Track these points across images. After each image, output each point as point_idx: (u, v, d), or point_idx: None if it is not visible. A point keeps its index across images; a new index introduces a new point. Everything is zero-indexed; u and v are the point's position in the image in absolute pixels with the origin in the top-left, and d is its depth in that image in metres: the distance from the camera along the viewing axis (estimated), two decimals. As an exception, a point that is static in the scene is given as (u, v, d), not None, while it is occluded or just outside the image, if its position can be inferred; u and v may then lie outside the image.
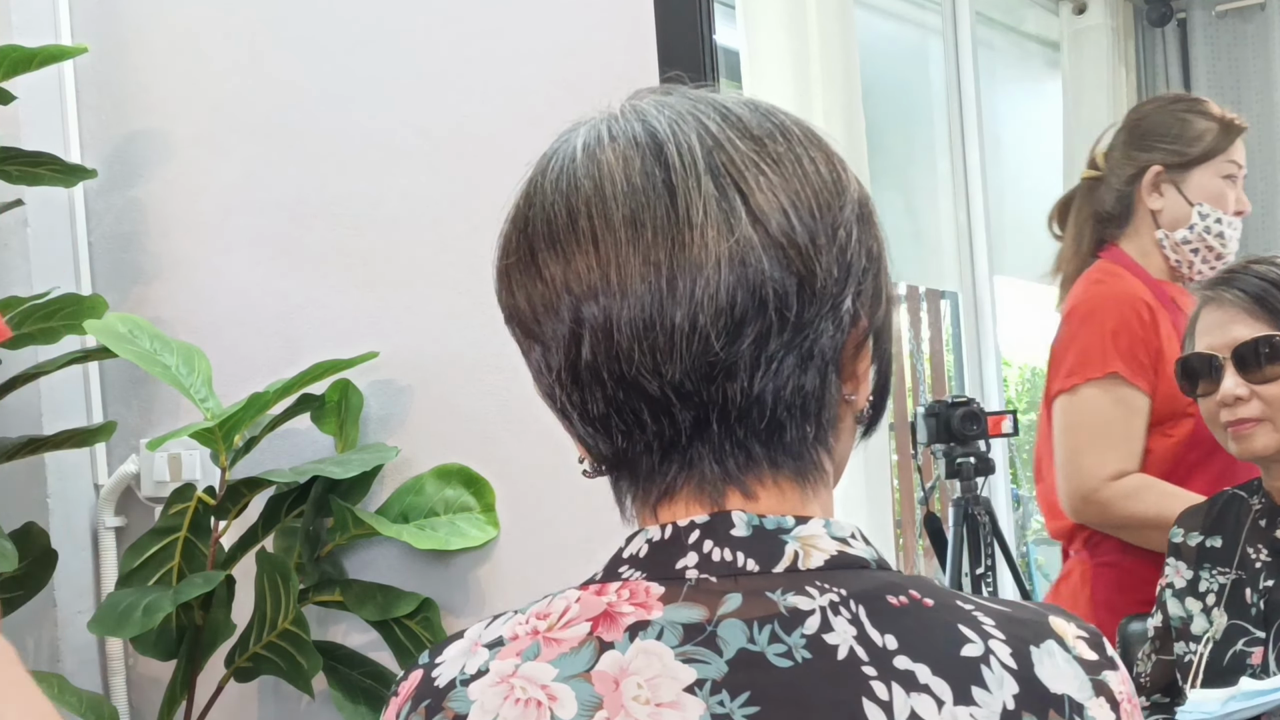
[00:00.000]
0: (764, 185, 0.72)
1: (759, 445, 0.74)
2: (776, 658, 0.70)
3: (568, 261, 0.73)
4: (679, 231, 0.71)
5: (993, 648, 0.71)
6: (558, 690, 0.72)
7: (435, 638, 1.76)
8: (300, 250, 1.97)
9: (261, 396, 1.73)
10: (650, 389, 0.72)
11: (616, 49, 1.72)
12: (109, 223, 2.13)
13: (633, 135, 0.74)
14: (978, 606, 0.74)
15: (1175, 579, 1.67)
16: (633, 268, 0.72)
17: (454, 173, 1.85)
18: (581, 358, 0.73)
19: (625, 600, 0.74)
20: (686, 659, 0.71)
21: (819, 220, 0.73)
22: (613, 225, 0.72)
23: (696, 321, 0.71)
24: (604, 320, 0.72)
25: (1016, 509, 3.57)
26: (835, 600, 0.72)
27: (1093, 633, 0.75)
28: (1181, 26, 2.98)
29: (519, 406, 1.81)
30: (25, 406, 2.03)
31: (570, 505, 1.77)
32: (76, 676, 2.05)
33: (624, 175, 0.73)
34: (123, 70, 2.12)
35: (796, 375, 0.73)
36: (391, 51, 1.90)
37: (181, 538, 1.85)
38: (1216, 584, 1.63)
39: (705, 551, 0.74)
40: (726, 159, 0.73)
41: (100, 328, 1.78)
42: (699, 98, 0.77)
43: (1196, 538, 1.67)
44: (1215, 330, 1.62)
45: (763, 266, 0.71)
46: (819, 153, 0.75)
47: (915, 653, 0.70)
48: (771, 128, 0.75)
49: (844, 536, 0.74)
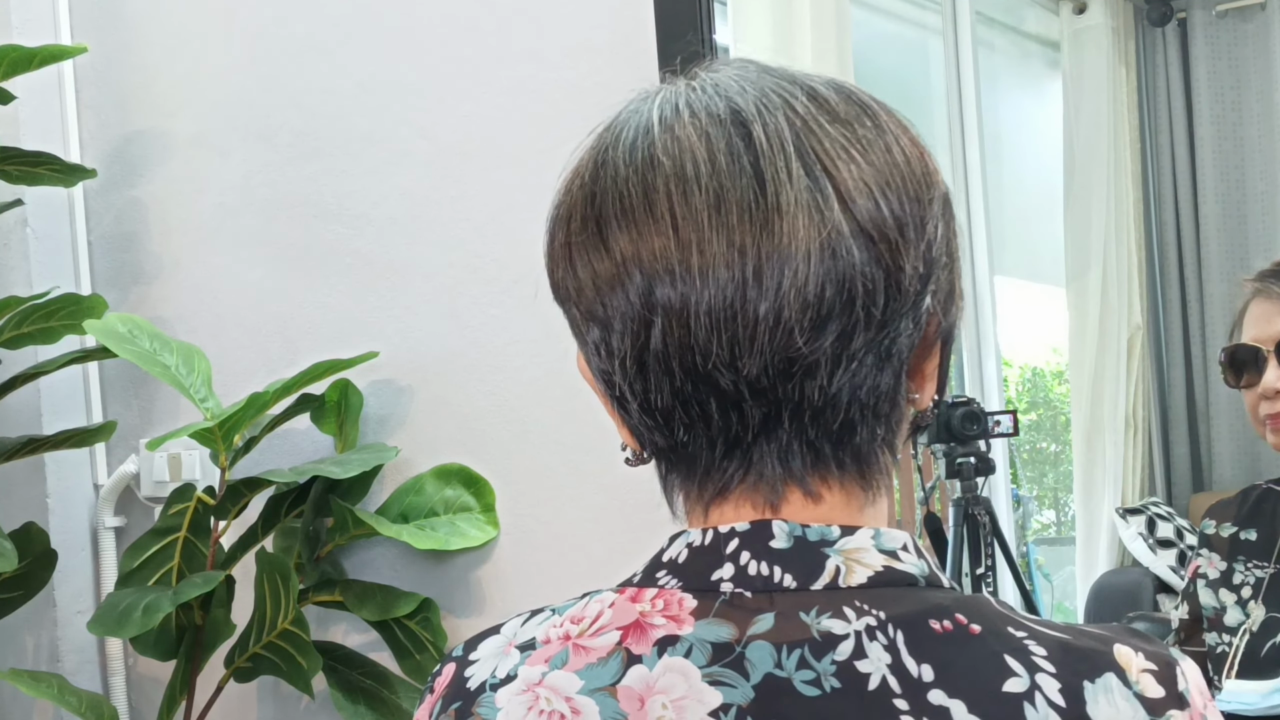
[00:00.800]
0: (855, 173, 0.68)
1: (829, 445, 0.70)
2: (804, 685, 0.66)
3: (642, 239, 0.68)
4: (767, 217, 0.66)
5: (1040, 683, 0.66)
6: (582, 704, 0.70)
7: (435, 638, 1.76)
8: (300, 250, 1.97)
9: (261, 396, 1.73)
10: (723, 383, 0.68)
11: (616, 49, 1.72)
12: (109, 223, 2.13)
13: (716, 112, 0.69)
14: (1032, 634, 0.68)
15: (1209, 570, 1.67)
16: (716, 253, 0.66)
17: (454, 173, 1.85)
18: (650, 345, 0.68)
19: (658, 611, 0.70)
20: (713, 681, 0.68)
21: (909, 211, 0.68)
22: (694, 206, 0.67)
23: (781, 314, 0.66)
24: (680, 307, 0.67)
25: (1016, 509, 3.57)
26: (873, 624, 0.67)
27: (1165, 662, 0.68)
28: (1182, 26, 2.97)
29: (519, 406, 1.81)
30: (25, 406, 2.03)
31: (570, 505, 1.77)
32: (76, 676, 2.05)
33: (707, 154, 0.68)
34: (123, 70, 2.11)
35: (874, 374, 0.69)
36: (391, 51, 1.89)
37: (181, 538, 1.85)
38: (1253, 577, 1.63)
39: (742, 564, 0.70)
40: (816, 143, 0.68)
41: (100, 328, 1.77)
42: (782, 74, 0.72)
43: (1230, 529, 1.67)
44: (1262, 322, 1.62)
45: (853, 259, 0.66)
46: (907, 139, 0.71)
47: (952, 686, 0.66)
48: (859, 110, 0.71)
49: (893, 549, 0.70)
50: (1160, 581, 2.16)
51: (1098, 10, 3.19)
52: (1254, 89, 2.83)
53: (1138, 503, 2.71)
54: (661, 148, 0.69)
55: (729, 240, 0.67)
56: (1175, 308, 2.71)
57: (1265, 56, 2.76)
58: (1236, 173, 2.52)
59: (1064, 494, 3.08)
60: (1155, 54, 3.07)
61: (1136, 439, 2.73)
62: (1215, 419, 2.55)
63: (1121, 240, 2.86)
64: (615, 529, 1.72)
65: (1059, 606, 3.05)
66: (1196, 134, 2.68)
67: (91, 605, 2.10)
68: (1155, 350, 2.76)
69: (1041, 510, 3.05)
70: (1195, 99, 2.77)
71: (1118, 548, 2.72)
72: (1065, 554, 3.00)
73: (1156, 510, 2.67)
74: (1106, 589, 2.67)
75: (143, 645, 1.84)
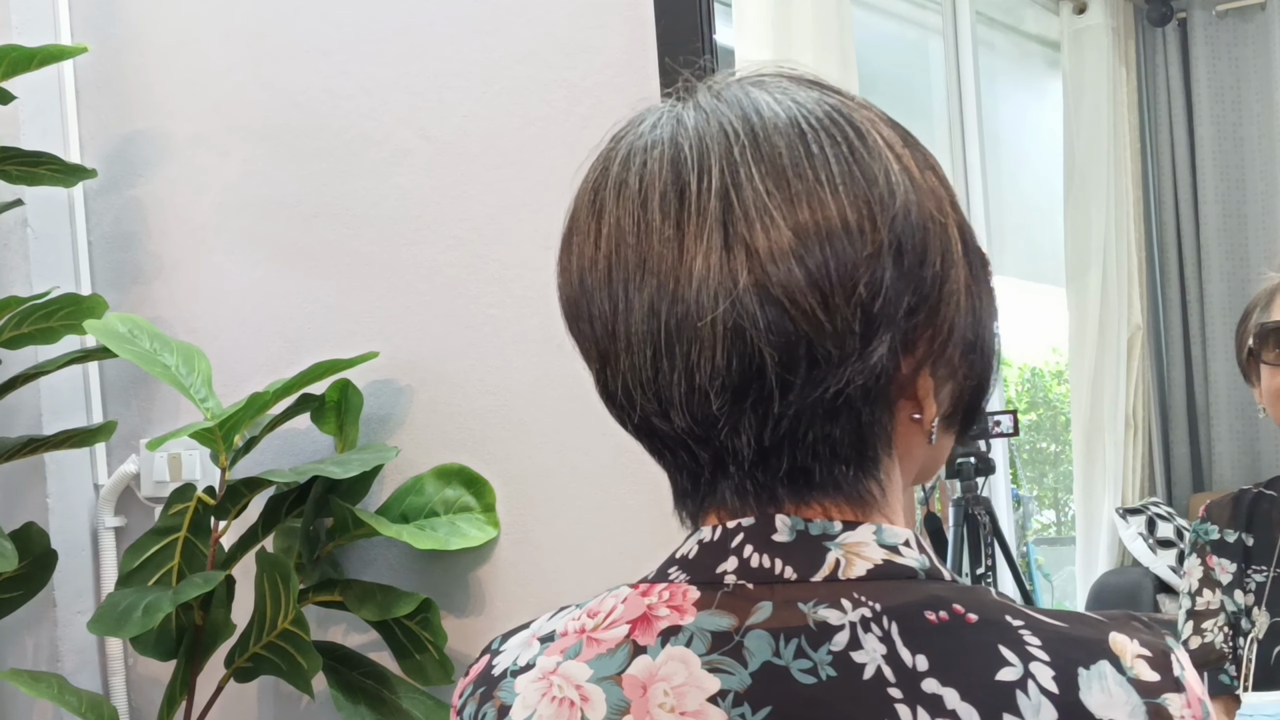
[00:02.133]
0: (774, 236, 0.67)
1: (782, 489, 0.72)
2: (801, 673, 0.69)
3: (593, 293, 0.72)
4: (680, 285, 0.68)
5: (1033, 670, 0.67)
6: (590, 691, 0.73)
7: (435, 638, 1.76)
8: (300, 250, 1.97)
9: (261, 396, 1.73)
10: (664, 429, 0.72)
11: (616, 49, 1.72)
12: (109, 223, 2.13)
13: (664, 151, 0.71)
14: (1029, 623, 0.69)
15: (1221, 575, 1.66)
16: (636, 318, 0.70)
17: (454, 173, 1.85)
18: (605, 383, 0.73)
19: (664, 603, 0.73)
20: (712, 668, 0.70)
21: (833, 275, 0.67)
22: (625, 263, 0.70)
23: (694, 381, 0.69)
24: (615, 362, 0.72)
25: (1016, 509, 3.57)
26: (868, 615, 0.69)
27: (1160, 650, 0.69)
28: (1182, 26, 2.97)
29: (519, 406, 1.81)
30: (25, 406, 2.03)
31: (570, 505, 1.77)
32: (76, 676, 2.05)
33: (641, 206, 0.70)
34: (123, 70, 2.11)
35: (820, 425, 0.70)
36: (391, 51, 1.89)
37: (181, 538, 1.85)
38: (1254, 582, 1.63)
39: (745, 557, 0.72)
40: (741, 201, 0.68)
41: (100, 328, 1.77)
42: (748, 104, 0.72)
43: (1233, 534, 1.67)
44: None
45: (758, 331, 0.67)
46: (856, 185, 0.69)
47: (946, 675, 0.67)
48: (809, 154, 0.69)
49: (894, 544, 0.71)
50: (1160, 581, 2.16)
51: (1098, 10, 3.19)
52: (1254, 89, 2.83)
53: (1138, 503, 2.71)
54: (615, 189, 0.72)
55: (649, 306, 0.69)
56: (1175, 308, 2.71)
57: (1265, 56, 2.76)
58: (1236, 173, 2.52)
59: (1064, 494, 3.08)
60: (1155, 54, 3.07)
61: (1136, 439, 2.73)
62: (1215, 419, 2.55)
63: (1121, 240, 2.86)
64: (615, 529, 1.72)
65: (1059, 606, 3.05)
66: (1196, 134, 2.68)
67: (91, 605, 2.10)
68: (1155, 350, 2.76)
69: (1041, 510, 3.06)
70: (1195, 99, 2.77)
71: (1118, 548, 2.72)
72: (1065, 554, 3.00)
73: (1156, 510, 2.67)
74: (1106, 589, 2.67)
75: (143, 645, 1.84)
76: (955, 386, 0.76)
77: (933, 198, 0.72)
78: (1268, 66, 2.74)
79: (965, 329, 0.74)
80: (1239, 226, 2.51)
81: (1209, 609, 1.66)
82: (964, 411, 0.77)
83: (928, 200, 0.72)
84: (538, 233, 1.75)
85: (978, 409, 0.78)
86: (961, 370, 0.75)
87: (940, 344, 0.73)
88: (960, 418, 0.78)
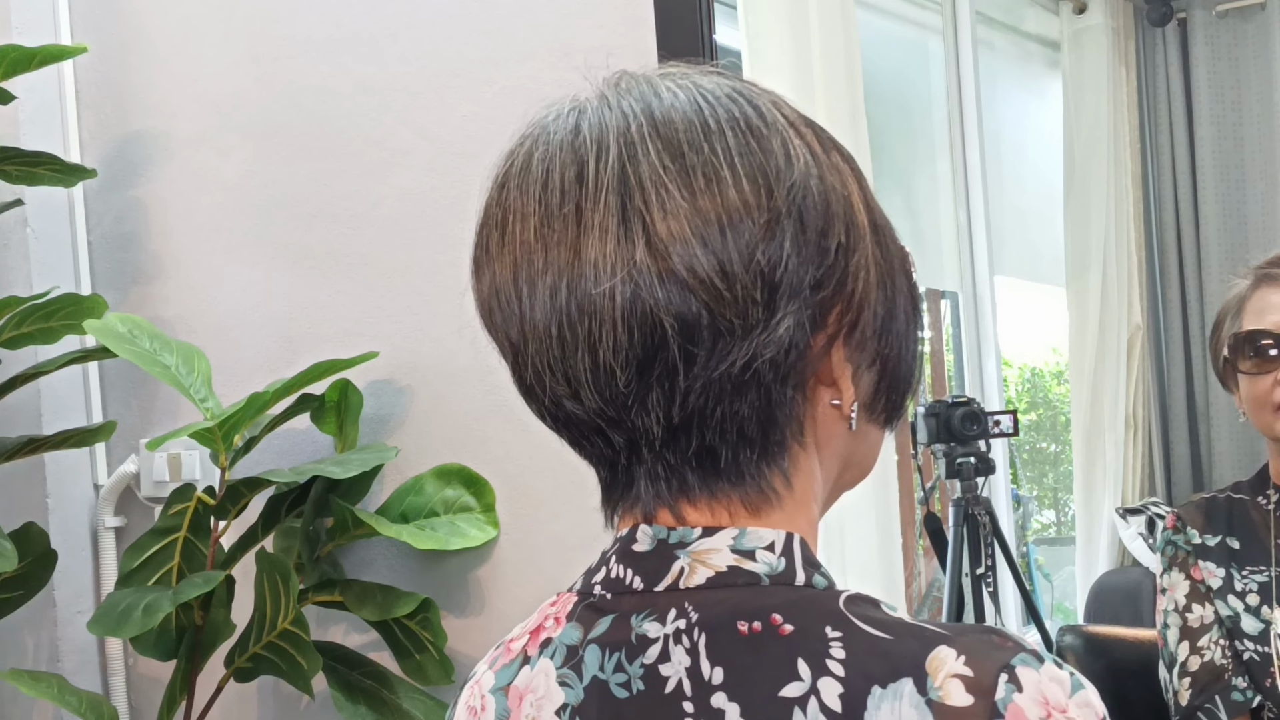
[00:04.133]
0: (670, 208, 0.67)
1: (690, 472, 0.70)
2: (617, 687, 0.69)
3: (498, 274, 0.71)
4: (580, 263, 0.67)
5: (820, 687, 0.64)
6: (488, 701, 0.76)
7: (435, 638, 1.76)
8: (300, 250, 1.97)
9: (261, 396, 1.73)
10: (577, 414, 0.71)
11: (616, 49, 1.72)
12: (109, 223, 2.13)
13: (565, 137, 0.71)
14: (847, 635, 0.65)
15: (1210, 579, 1.66)
16: (538, 298, 0.69)
17: (454, 173, 1.85)
18: (519, 373, 0.72)
19: (553, 614, 0.75)
20: (561, 681, 0.72)
21: (730, 245, 0.66)
22: (527, 245, 0.69)
23: (599, 357, 0.68)
24: (524, 348, 0.71)
25: (1016, 509, 3.57)
26: (681, 628, 0.68)
27: (990, 669, 0.62)
28: (1182, 26, 2.97)
29: (519, 406, 1.80)
30: (25, 406, 2.03)
31: (570, 505, 1.77)
32: (76, 676, 2.05)
33: (542, 188, 0.70)
34: (123, 70, 2.11)
35: (727, 401, 0.68)
36: (391, 51, 1.89)
37: (181, 538, 1.85)
38: (1254, 583, 1.63)
39: (610, 567, 0.73)
40: (637, 176, 0.68)
41: (100, 328, 1.77)
42: (649, 91, 0.72)
43: (1214, 539, 1.67)
44: (1274, 309, 1.61)
45: (657, 303, 0.66)
46: (753, 157, 0.68)
47: (734, 690, 0.65)
48: (706, 130, 0.69)
49: (751, 549, 0.69)
50: (1160, 581, 2.14)
51: (1098, 10, 3.19)
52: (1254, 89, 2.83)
53: (1138, 503, 2.72)
54: (519, 179, 0.71)
55: (550, 288, 0.68)
56: (1175, 308, 2.71)
57: (1265, 56, 2.76)
58: (1236, 173, 2.52)
59: (1064, 494, 3.08)
60: (1155, 54, 3.07)
61: (1136, 439, 2.74)
62: (1215, 419, 2.55)
63: (1121, 240, 2.86)
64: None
65: (1059, 606, 3.05)
66: (1196, 134, 2.68)
67: (91, 605, 2.10)
68: (1155, 350, 2.77)
69: (1041, 510, 3.06)
70: (1195, 99, 2.77)
71: (1118, 548, 2.72)
72: (1065, 554, 3.00)
73: (1156, 510, 2.67)
74: (1106, 589, 2.67)
75: (143, 645, 1.84)
76: (875, 373, 0.73)
77: (835, 173, 0.71)
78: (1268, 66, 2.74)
79: (877, 306, 0.72)
80: (1239, 226, 2.51)
81: (1203, 624, 1.66)
82: (886, 398, 0.74)
83: (829, 174, 0.71)
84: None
85: (900, 396, 0.75)
86: (880, 354, 0.73)
87: (850, 321, 0.71)
88: (884, 405, 0.75)
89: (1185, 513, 1.70)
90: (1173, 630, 1.67)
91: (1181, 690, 1.64)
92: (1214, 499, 1.70)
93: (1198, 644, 1.65)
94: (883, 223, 0.74)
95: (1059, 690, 0.62)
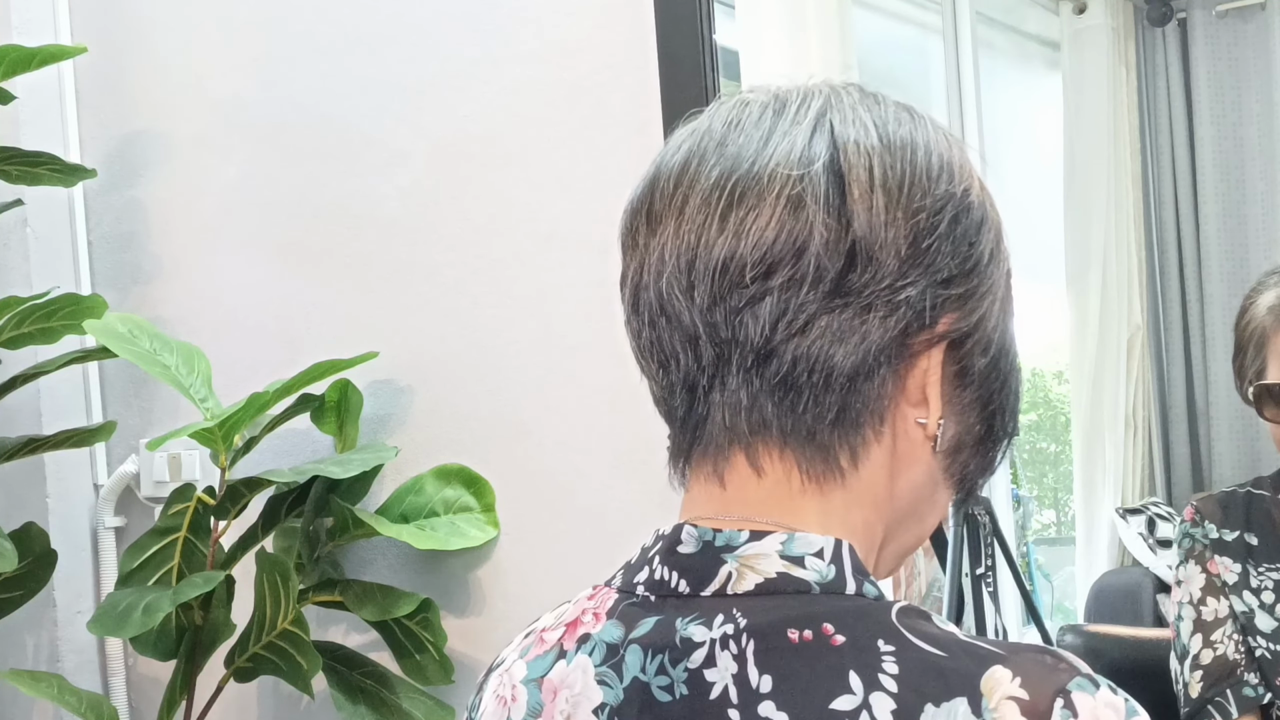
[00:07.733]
0: (858, 135, 0.70)
1: (771, 404, 0.68)
2: (659, 690, 0.68)
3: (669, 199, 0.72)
4: (759, 155, 0.69)
5: (872, 701, 0.62)
6: (519, 692, 0.75)
7: (435, 638, 1.76)
8: (300, 250, 1.97)
9: (261, 396, 1.73)
10: (684, 315, 0.69)
11: (616, 49, 1.72)
12: (109, 223, 2.13)
13: (769, 98, 0.74)
14: (900, 650, 0.64)
15: (1226, 574, 1.66)
16: (705, 184, 0.70)
17: (454, 173, 1.85)
18: (642, 279, 0.72)
19: (592, 609, 0.74)
20: (600, 680, 0.71)
21: (900, 194, 0.69)
22: (708, 142, 0.72)
23: (738, 249, 0.68)
24: (664, 242, 0.70)
25: (1016, 509, 3.57)
26: (729, 633, 0.66)
27: (1047, 692, 0.61)
28: (1182, 26, 2.97)
29: (519, 406, 1.81)
30: (25, 406, 2.03)
31: (570, 505, 1.77)
32: (76, 676, 2.05)
33: (737, 117, 0.72)
34: (123, 70, 2.12)
35: (826, 343, 0.67)
36: (391, 51, 1.89)
37: (181, 538, 1.85)
38: (1270, 580, 1.63)
39: (654, 568, 0.72)
40: (840, 108, 0.71)
41: (100, 328, 1.77)
42: (871, 93, 0.77)
43: (1232, 534, 1.67)
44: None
45: (817, 214, 0.67)
46: (938, 156, 0.72)
47: (784, 699, 0.64)
48: (910, 113, 0.74)
49: (799, 555, 0.68)
50: (1160, 581, 2.16)
51: (1098, 10, 3.19)
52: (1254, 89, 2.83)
53: (1138, 503, 2.71)
54: (708, 117, 0.74)
55: (720, 175, 0.69)
56: (1175, 308, 2.71)
57: (1265, 56, 2.76)
58: (1236, 173, 2.52)
59: (1064, 494, 3.08)
60: (1155, 54, 3.07)
61: (1136, 439, 2.73)
62: (1215, 419, 2.55)
63: (1121, 240, 2.86)
64: (615, 529, 1.72)
65: (1059, 606, 3.05)
66: (1196, 134, 2.68)
67: (91, 605, 2.10)
68: (1155, 350, 2.76)
69: (1041, 510, 3.06)
70: (1195, 99, 2.77)
71: (1118, 548, 2.72)
72: (1065, 554, 3.00)
73: (1156, 510, 2.67)
74: (1106, 589, 2.67)
75: (143, 645, 1.84)
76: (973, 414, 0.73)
77: (993, 203, 0.76)
78: (1268, 66, 2.74)
79: (990, 333, 0.73)
80: (1239, 226, 2.51)
81: (1217, 618, 1.65)
82: (974, 449, 0.74)
83: (989, 198, 0.75)
84: (537, 233, 1.75)
85: (991, 451, 0.75)
86: (982, 396, 0.73)
87: (961, 335, 0.71)
88: (969, 456, 0.74)
89: (1203, 506, 1.70)
90: (1186, 623, 1.67)
91: (1193, 683, 1.64)
92: (1233, 493, 1.70)
93: (1211, 637, 1.65)
94: (1010, 270, 0.76)
95: (1114, 716, 0.62)
